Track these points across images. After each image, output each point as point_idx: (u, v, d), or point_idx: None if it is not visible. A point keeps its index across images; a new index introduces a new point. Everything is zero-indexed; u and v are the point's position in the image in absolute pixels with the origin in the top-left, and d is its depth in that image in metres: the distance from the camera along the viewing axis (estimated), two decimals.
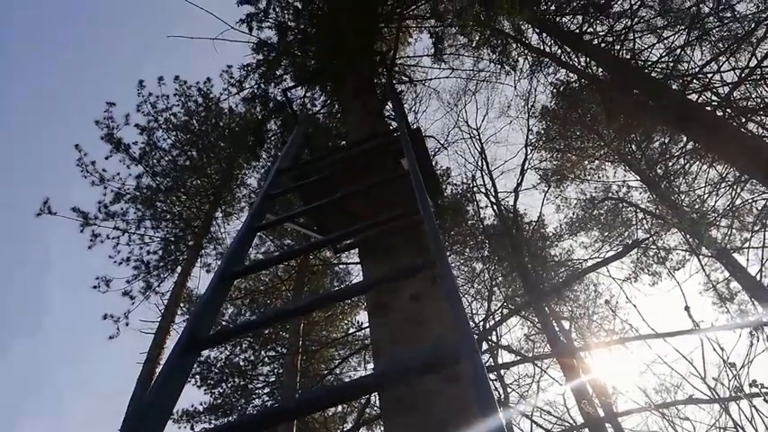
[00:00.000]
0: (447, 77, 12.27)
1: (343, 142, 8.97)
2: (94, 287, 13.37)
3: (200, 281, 19.52)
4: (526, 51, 12.55)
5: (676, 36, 9.86)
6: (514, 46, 12.11)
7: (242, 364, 12.99)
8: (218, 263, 14.88)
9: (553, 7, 11.41)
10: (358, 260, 3.68)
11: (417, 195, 1.71)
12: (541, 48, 12.20)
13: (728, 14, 9.22)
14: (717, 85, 9.36)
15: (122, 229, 14.39)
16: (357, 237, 3.34)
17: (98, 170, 14.21)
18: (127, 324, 13.33)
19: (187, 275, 13.32)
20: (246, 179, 15.89)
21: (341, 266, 14.88)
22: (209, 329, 1.39)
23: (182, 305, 13.36)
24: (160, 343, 11.95)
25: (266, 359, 13.63)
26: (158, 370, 11.56)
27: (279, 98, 9.01)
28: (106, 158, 14.38)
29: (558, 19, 11.64)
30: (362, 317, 14.83)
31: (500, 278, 15.00)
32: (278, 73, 9.19)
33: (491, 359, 11.90)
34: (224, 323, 13.19)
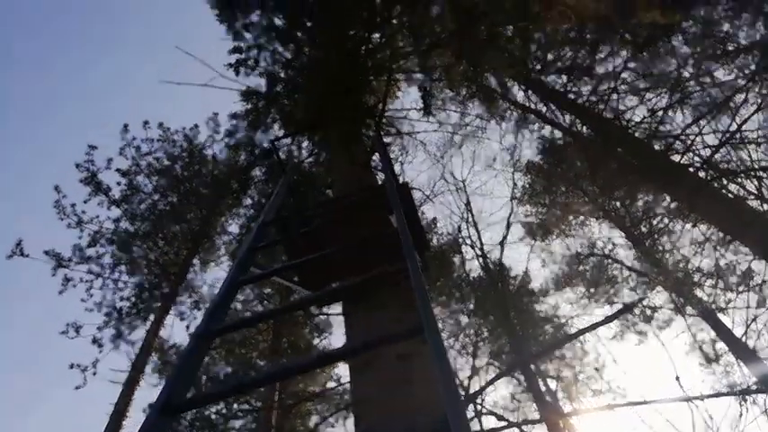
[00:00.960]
0: (434, 131, 12.43)
1: (329, 190, 8.91)
2: (63, 332, 12.91)
3: (174, 330, 18.95)
4: (512, 107, 12.80)
5: (659, 98, 10.13)
6: (501, 101, 12.35)
7: (213, 417, 12.41)
8: (194, 312, 14.47)
9: (539, 66, 11.71)
10: (340, 311, 3.55)
11: (406, 254, 1.64)
12: (527, 104, 12.46)
13: (708, 80, 9.51)
14: (699, 148, 9.56)
15: (96, 273, 14.03)
16: (344, 294, 3.24)
17: (77, 212, 14.03)
18: (94, 374, 12.77)
19: (160, 324, 12.91)
20: (227, 226, 15.68)
21: (321, 317, 14.53)
22: (186, 391, 1.33)
23: (153, 355, 12.90)
24: (128, 394, 11.46)
25: (239, 413, 13.04)
26: (125, 423, 10.99)
27: (265, 145, 8.98)
28: (85, 202, 14.21)
29: (543, 77, 11.94)
30: (342, 370, 14.38)
31: (486, 333, 14.75)
32: (266, 121, 9.19)
33: (477, 421, 11.53)
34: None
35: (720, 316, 11.54)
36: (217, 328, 1.57)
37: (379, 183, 5.08)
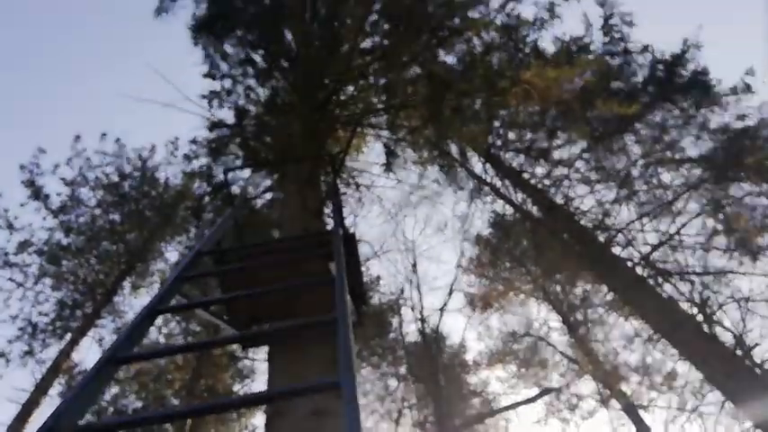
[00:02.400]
0: (392, 188, 12.58)
1: (276, 232, 8.72)
2: None
3: (90, 353, 17.81)
4: (469, 177, 13.11)
5: (607, 191, 10.60)
6: (459, 170, 12.64)
7: None
8: (114, 338, 13.65)
9: (499, 142, 12.11)
10: (266, 357, 3.43)
11: (338, 306, 1.61)
12: (484, 177, 12.78)
13: (655, 181, 10.05)
14: (639, 244, 9.96)
15: (18, 282, 13.10)
16: (270, 339, 3.10)
17: (8, 217, 13.23)
18: None
19: (75, 345, 12.07)
20: (166, 253, 15.03)
21: (246, 361, 13.91)
22: (78, 419, 1.23)
23: (60, 377, 11.97)
24: (25, 416, 10.53)
25: None
26: None
27: (219, 177, 8.79)
28: (22, 205, 13.42)
29: (502, 154, 12.32)
30: (259, 420, 13.69)
31: (413, 400, 14.46)
32: (227, 154, 9.06)
33: None
34: (104, 404, 11.87)
35: (642, 413, 11.73)
36: (125, 355, 1.46)
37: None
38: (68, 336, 12.77)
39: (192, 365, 12.52)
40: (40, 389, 11.19)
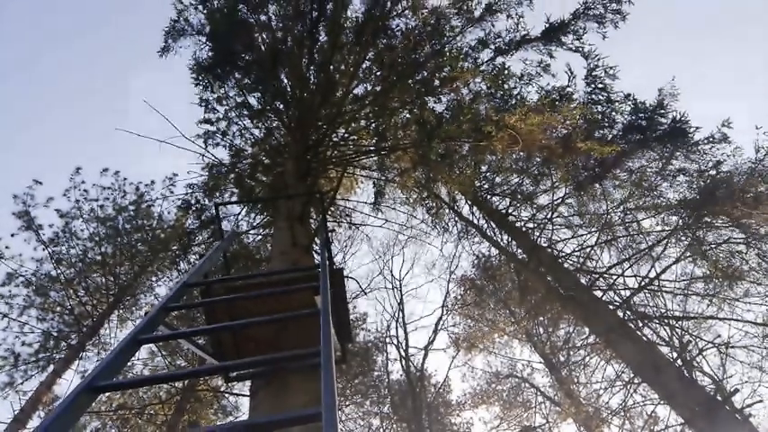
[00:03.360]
0: (381, 226, 12.77)
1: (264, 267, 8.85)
2: None
3: (72, 386, 17.42)
4: (456, 218, 13.38)
5: (589, 236, 10.88)
6: (446, 211, 12.92)
7: None
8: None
9: (486, 185, 12.43)
10: (249, 393, 3.42)
11: (322, 338, 1.65)
12: (470, 219, 13.05)
13: (635, 226, 10.35)
14: (620, 288, 10.17)
15: (3, 312, 12.99)
16: (252, 369, 3.13)
17: None
18: None
19: (57, 377, 11.88)
20: (156, 287, 14.96)
21: (231, 398, 13.72)
22: None
23: (40, 410, 11.75)
24: None
25: None
26: None
27: (211, 211, 8.98)
28: (12, 236, 13.41)
29: (488, 197, 12.63)
30: None
31: None
32: (222, 191, 9.29)
33: None
34: None
35: None
36: (104, 383, 1.44)
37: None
38: (51, 368, 12.60)
39: (175, 401, 12.35)
40: (19, 421, 10.98)
